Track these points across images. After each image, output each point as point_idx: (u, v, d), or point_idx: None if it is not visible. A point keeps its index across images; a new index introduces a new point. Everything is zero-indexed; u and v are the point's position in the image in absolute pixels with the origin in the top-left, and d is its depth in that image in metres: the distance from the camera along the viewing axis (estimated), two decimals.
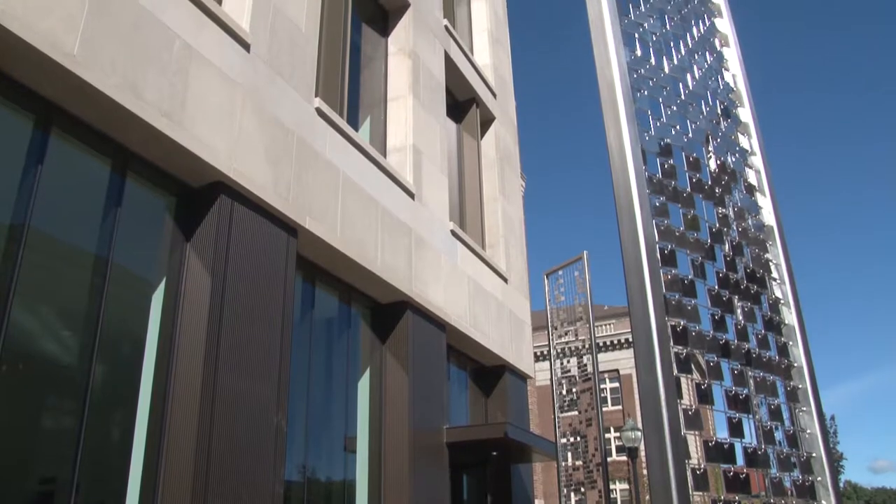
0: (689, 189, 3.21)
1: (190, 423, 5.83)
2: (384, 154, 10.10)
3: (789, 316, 3.67)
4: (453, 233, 10.96)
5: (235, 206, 6.68)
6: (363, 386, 8.97)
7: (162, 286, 6.30)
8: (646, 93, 3.01)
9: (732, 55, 4.14)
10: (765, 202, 3.95)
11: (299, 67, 7.99)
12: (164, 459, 5.77)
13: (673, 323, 2.78)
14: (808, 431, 3.34)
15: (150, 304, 6.21)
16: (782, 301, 3.71)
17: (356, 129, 9.77)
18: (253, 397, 6.40)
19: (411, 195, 9.86)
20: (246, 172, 6.77)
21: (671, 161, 3.12)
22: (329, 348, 8.52)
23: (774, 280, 3.75)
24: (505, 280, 12.72)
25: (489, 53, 14.63)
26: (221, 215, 6.51)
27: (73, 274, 5.65)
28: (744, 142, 4.07)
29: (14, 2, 4.93)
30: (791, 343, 3.57)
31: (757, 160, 4.04)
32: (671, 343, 2.66)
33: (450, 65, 12.40)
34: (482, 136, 13.78)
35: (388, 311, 9.39)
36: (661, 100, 3.19)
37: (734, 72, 4.10)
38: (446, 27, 12.44)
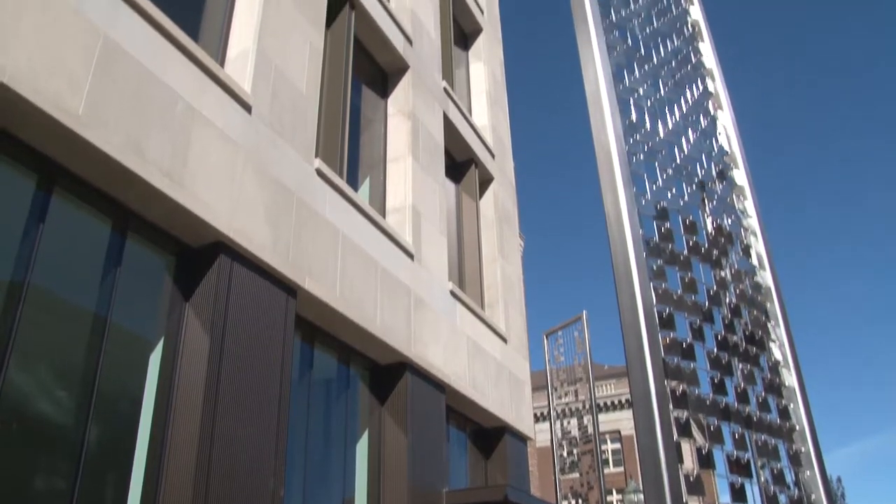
0: (686, 252, 3.23)
1: (185, 487, 5.76)
2: (383, 214, 10.16)
3: (790, 378, 3.65)
4: (452, 293, 10.96)
5: (235, 265, 6.69)
6: (361, 448, 8.87)
7: (160, 346, 6.28)
8: (641, 157, 3.05)
9: (726, 118, 4.20)
10: (762, 264, 3.97)
11: (300, 128, 8.09)
12: None
13: (672, 386, 2.77)
14: (813, 496, 3.30)
15: (147, 364, 6.18)
16: (782, 363, 3.70)
17: (356, 189, 9.84)
18: (250, 460, 6.33)
19: (410, 255, 9.89)
20: (246, 232, 6.81)
21: (668, 224, 3.14)
22: (327, 410, 8.45)
23: (774, 342, 3.75)
24: (504, 340, 12.67)
25: (487, 114, 14.81)
26: (221, 275, 6.52)
27: (71, 332, 5.64)
28: (740, 204, 4.10)
29: (22, 64, 5.02)
30: (792, 405, 3.55)
31: (753, 222, 4.06)
32: (671, 407, 2.65)
33: (448, 126, 12.55)
34: (481, 196, 13.87)
35: (387, 372, 9.33)
36: (656, 164, 3.23)
37: (728, 134, 4.16)
38: (445, 89, 12.62)
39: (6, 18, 5.05)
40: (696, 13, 4.25)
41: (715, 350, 3.23)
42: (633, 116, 3.22)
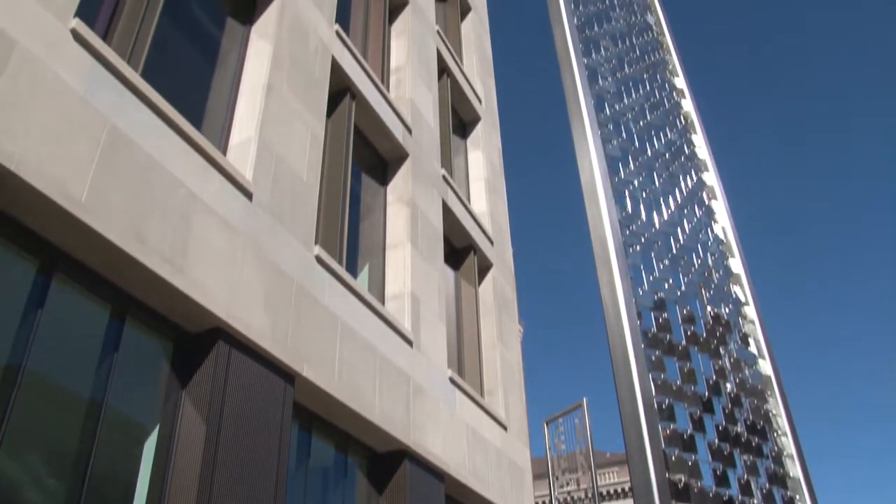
0: (684, 342, 3.23)
1: None
2: (382, 301, 10.16)
3: (794, 468, 3.61)
4: (452, 380, 10.88)
5: (233, 352, 6.67)
6: None
7: (155, 432, 6.21)
8: (638, 248, 3.08)
9: (720, 208, 4.25)
10: (761, 352, 3.96)
11: (300, 216, 8.17)
12: None
13: (674, 479, 2.74)
14: None
15: (142, 451, 6.10)
16: (786, 453, 3.66)
17: (355, 276, 9.88)
18: None
19: (409, 342, 9.85)
20: (245, 319, 6.80)
21: (665, 315, 3.15)
22: (324, 499, 8.29)
23: (776, 431, 3.71)
24: (504, 428, 12.51)
25: (486, 202, 14.97)
26: (218, 362, 6.48)
27: (65, 418, 5.58)
28: (737, 292, 4.12)
29: (29, 151, 5.12)
30: (798, 497, 3.50)
31: (751, 310, 4.08)
32: (673, 501, 2.61)
33: (447, 213, 12.67)
34: (480, 283, 13.90)
35: (386, 461, 9.19)
36: (653, 254, 3.26)
37: (723, 224, 4.20)
38: (444, 177, 12.79)
39: (18, 108, 5.18)
40: (687, 105, 4.34)
41: (716, 441, 3.21)
42: (629, 208, 3.27)
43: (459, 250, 13.58)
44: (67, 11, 5.88)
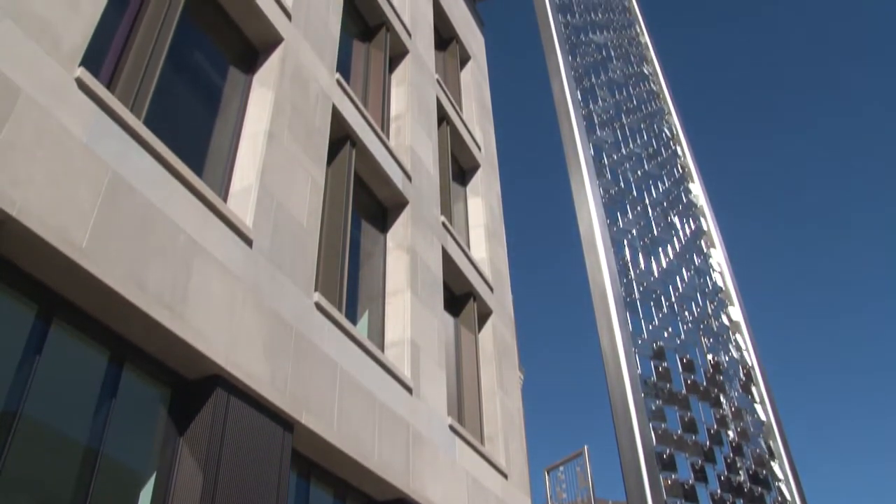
0: (684, 391, 3.22)
1: None
2: (382, 348, 10.13)
3: None
4: (451, 428, 10.80)
5: (231, 399, 6.63)
6: None
7: (152, 481, 6.14)
8: (637, 297, 3.09)
9: (719, 255, 4.27)
10: (762, 400, 3.95)
11: (300, 262, 8.19)
12: None
13: None
14: None
15: (138, 499, 6.03)
16: (790, 502, 3.63)
17: (354, 323, 9.86)
18: None
19: (409, 390, 9.80)
20: (243, 366, 6.78)
21: (665, 364, 3.15)
22: None
23: (779, 480, 3.69)
24: (505, 476, 12.38)
25: (486, 248, 15.00)
26: (217, 409, 6.45)
27: (61, 465, 5.53)
28: (736, 340, 4.12)
29: (31, 197, 5.15)
30: None
31: (750, 357, 4.07)
32: None
33: (447, 260, 12.69)
34: (480, 329, 13.87)
35: None
36: (652, 303, 3.27)
37: (722, 271, 4.21)
38: (444, 223, 12.83)
39: (21, 154, 5.23)
40: (684, 154, 4.38)
41: (718, 491, 3.18)
42: (628, 256, 3.28)
43: (459, 297, 13.57)
44: (73, 60, 5.96)
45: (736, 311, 3.91)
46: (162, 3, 7.61)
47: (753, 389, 3.68)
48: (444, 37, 18.42)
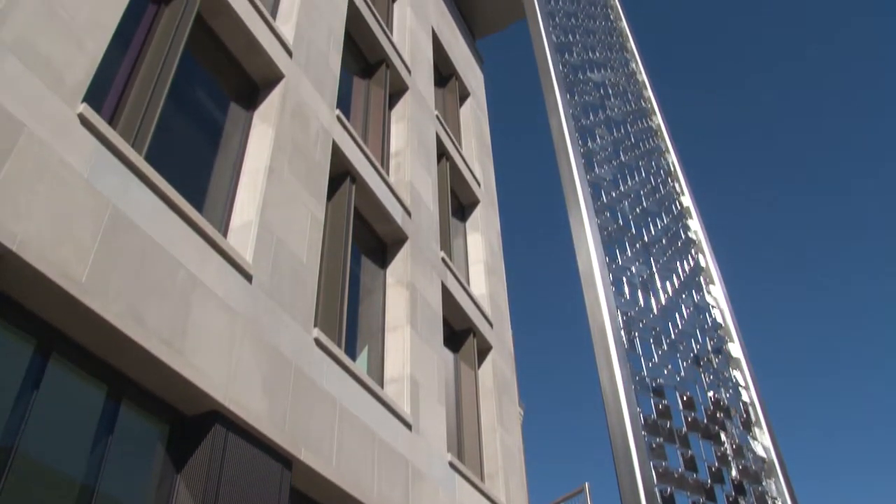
0: (684, 429, 3.21)
1: None
2: (381, 385, 10.09)
3: None
4: (451, 464, 10.71)
5: (230, 435, 6.59)
6: None
7: None
8: (636, 334, 3.09)
9: (718, 292, 4.27)
10: (762, 436, 3.92)
11: (299, 298, 8.18)
12: None
13: None
14: None
15: None
16: None
17: (354, 359, 9.83)
18: None
19: (409, 426, 9.74)
20: (242, 402, 6.74)
21: (665, 401, 3.14)
22: None
23: None
24: None
25: (485, 284, 15.00)
26: (215, 445, 6.40)
27: (57, 501, 5.47)
28: (737, 377, 4.11)
29: (31, 232, 5.17)
30: None
31: (752, 394, 4.05)
32: None
33: (447, 296, 12.68)
34: (479, 365, 13.82)
35: None
36: (651, 340, 3.26)
37: (721, 308, 4.21)
38: (443, 259, 12.84)
39: (22, 189, 5.24)
40: (682, 190, 4.41)
41: None
42: (627, 294, 3.28)
43: (459, 333, 13.54)
44: (76, 96, 6.01)
45: (736, 348, 3.91)
46: (165, 40, 7.69)
47: (754, 427, 3.67)
48: (444, 73, 18.59)
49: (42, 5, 6.02)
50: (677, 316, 3.51)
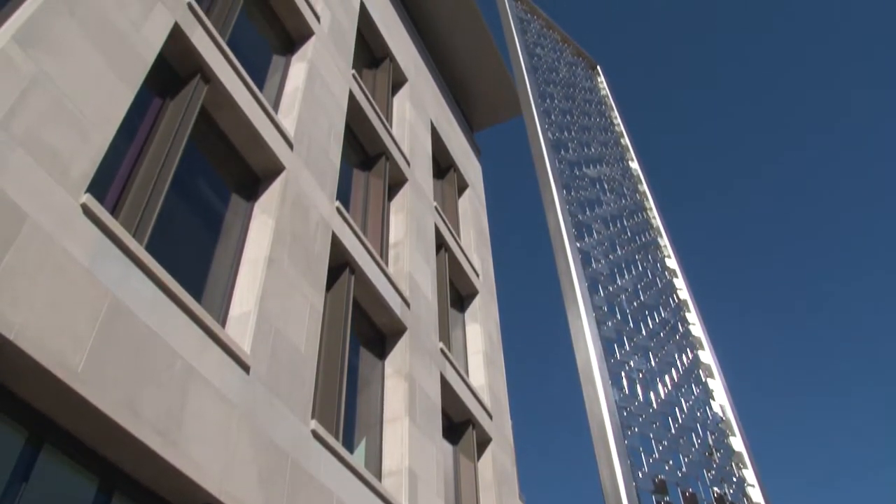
0: None
1: None
2: (379, 477, 9.91)
3: None
4: None
5: None
6: None
7: None
8: (636, 429, 3.06)
9: (718, 386, 4.25)
10: None
11: (297, 389, 8.11)
12: None
13: None
14: None
15: None
16: None
17: (351, 451, 9.69)
18: None
19: None
20: (237, 495, 6.62)
21: (667, 498, 3.09)
22: None
23: None
24: None
25: (484, 375, 14.89)
26: None
27: None
28: (740, 472, 4.04)
29: (30, 321, 5.16)
30: None
31: (756, 491, 3.98)
32: None
33: (446, 387, 12.58)
34: (479, 457, 13.60)
35: None
36: (651, 435, 3.23)
37: (721, 402, 4.18)
38: (442, 350, 12.79)
39: (23, 279, 5.27)
40: (680, 284, 4.44)
41: None
42: (626, 388, 3.27)
43: (458, 424, 13.38)
44: (80, 187, 6.10)
45: (738, 442, 3.86)
46: (169, 132, 7.84)
47: None
48: (443, 165, 18.88)
49: (52, 99, 6.17)
50: (677, 410, 3.48)
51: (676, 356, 4.01)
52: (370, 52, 16.58)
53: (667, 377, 3.76)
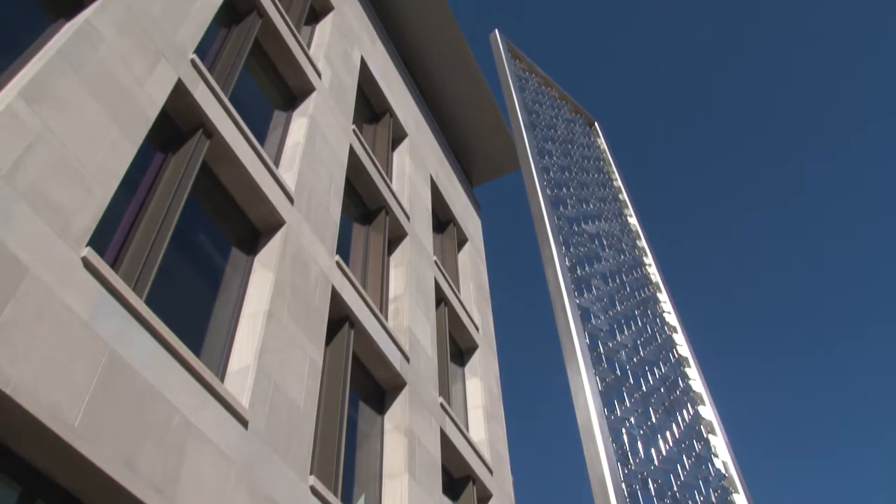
0: None
1: None
2: None
3: None
4: None
5: None
6: None
7: None
8: (637, 487, 3.03)
9: (720, 442, 4.22)
10: None
11: (295, 445, 8.04)
12: None
13: None
14: None
15: None
16: None
17: None
18: None
19: None
20: None
21: None
22: None
23: None
24: None
25: (484, 429, 14.76)
26: None
27: None
28: None
29: (27, 374, 5.13)
30: None
31: None
32: None
33: (445, 442, 12.46)
34: None
35: None
36: (653, 492, 3.20)
37: (724, 458, 4.15)
38: (442, 405, 12.70)
39: (21, 332, 5.25)
40: (680, 340, 4.44)
41: None
42: (627, 445, 3.25)
43: (458, 480, 13.22)
44: (81, 241, 6.12)
45: (741, 500, 3.81)
46: (170, 186, 7.90)
47: None
48: (442, 220, 18.97)
49: (56, 154, 6.23)
50: (679, 467, 3.45)
51: (677, 412, 4.00)
52: (370, 108, 16.78)
53: (668, 433, 3.74)
